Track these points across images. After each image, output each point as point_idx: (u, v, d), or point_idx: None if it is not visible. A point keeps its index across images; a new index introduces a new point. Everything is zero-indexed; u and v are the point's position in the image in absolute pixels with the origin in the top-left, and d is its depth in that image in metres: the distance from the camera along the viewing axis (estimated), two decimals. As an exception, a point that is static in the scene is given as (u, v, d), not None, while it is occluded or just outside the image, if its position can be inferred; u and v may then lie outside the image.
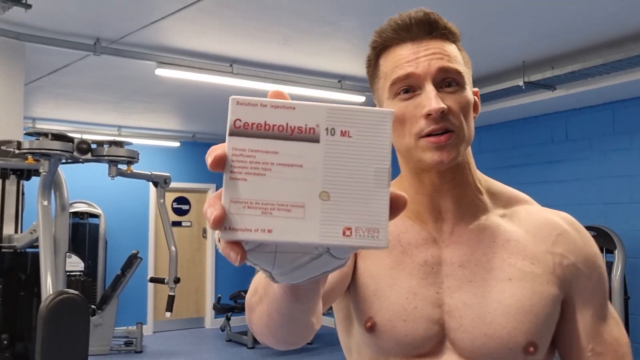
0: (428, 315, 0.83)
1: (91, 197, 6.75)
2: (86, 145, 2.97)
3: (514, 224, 0.87)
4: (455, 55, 0.83)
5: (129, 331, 6.38)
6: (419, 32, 0.82)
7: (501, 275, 0.83)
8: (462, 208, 0.87)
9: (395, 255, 0.86)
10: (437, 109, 0.78)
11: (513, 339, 0.81)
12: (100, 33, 3.70)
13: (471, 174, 0.88)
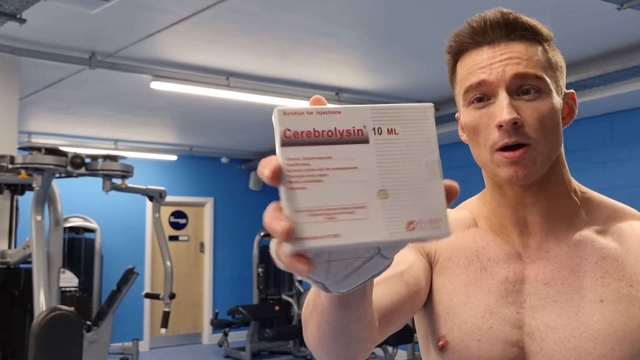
0: (505, 336, 0.77)
1: (87, 211, 6.70)
2: (80, 159, 2.94)
3: (613, 241, 0.78)
4: (536, 59, 0.75)
5: (124, 347, 6.29)
6: (495, 35, 0.77)
7: (592, 296, 0.75)
8: (552, 221, 0.80)
9: (472, 272, 0.81)
10: (509, 120, 0.72)
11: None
12: (96, 47, 3.68)
13: (564, 185, 0.81)
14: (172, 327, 7.14)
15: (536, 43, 0.77)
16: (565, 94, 0.80)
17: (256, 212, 8.01)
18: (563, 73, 0.80)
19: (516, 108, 0.74)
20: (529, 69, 0.74)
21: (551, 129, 0.75)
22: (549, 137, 0.75)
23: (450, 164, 5.84)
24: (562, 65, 0.80)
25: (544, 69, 0.75)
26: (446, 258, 0.84)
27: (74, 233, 6.51)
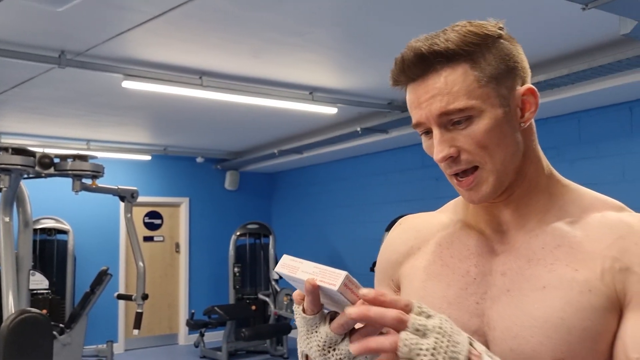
0: (464, 325, 0.78)
1: (59, 212, 6.60)
2: (48, 159, 2.90)
3: (578, 230, 0.78)
4: (457, 88, 0.75)
5: (99, 350, 6.21)
6: (414, 72, 0.78)
7: (537, 283, 0.76)
8: (523, 218, 0.81)
9: (432, 270, 0.85)
10: (439, 159, 0.77)
11: (537, 356, 0.73)
12: (65, 45, 3.63)
13: (536, 182, 0.82)
14: (148, 328, 7.07)
15: (458, 65, 0.76)
16: (519, 93, 0.79)
17: (232, 212, 7.98)
18: (509, 73, 0.78)
19: (451, 139, 0.77)
20: (450, 105, 0.75)
21: (494, 146, 0.76)
22: (495, 154, 0.76)
23: (423, 163, 5.90)
24: (503, 69, 0.78)
25: (468, 94, 0.75)
26: (408, 266, 0.89)
27: (46, 235, 6.41)
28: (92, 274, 6.10)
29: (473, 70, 0.76)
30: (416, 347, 0.61)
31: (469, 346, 0.64)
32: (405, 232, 0.93)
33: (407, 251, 0.90)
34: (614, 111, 4.50)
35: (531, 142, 0.82)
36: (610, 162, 4.51)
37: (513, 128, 0.78)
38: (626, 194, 4.34)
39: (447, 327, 0.64)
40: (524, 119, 0.79)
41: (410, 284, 0.87)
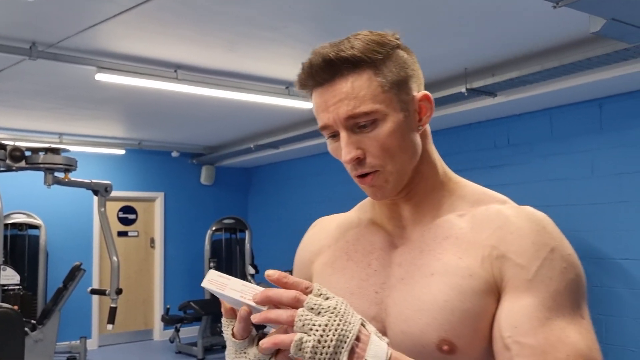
0: (363, 312, 0.83)
1: (31, 207, 6.48)
2: (19, 152, 2.85)
3: (466, 222, 0.84)
4: (363, 93, 0.80)
5: (72, 346, 6.13)
6: (322, 77, 0.82)
7: (426, 271, 0.83)
8: (419, 213, 0.88)
9: (338, 265, 0.92)
10: (347, 160, 0.82)
11: (425, 336, 0.79)
12: (36, 37, 3.57)
13: (431, 181, 0.89)
14: (122, 324, 7.00)
15: (363, 72, 0.80)
16: (416, 99, 0.85)
17: (207, 207, 7.94)
18: (408, 81, 0.84)
19: (357, 142, 0.82)
20: (357, 109, 0.80)
21: (396, 148, 0.82)
22: (395, 156, 0.83)
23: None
24: (403, 76, 0.83)
25: (373, 98, 0.80)
26: (318, 263, 0.96)
27: (17, 230, 6.29)
28: (65, 270, 6.01)
29: (376, 77, 0.81)
30: (310, 323, 0.66)
31: (360, 326, 0.69)
32: (316, 232, 1.01)
33: (317, 250, 0.98)
34: (584, 108, 4.60)
35: (427, 144, 0.89)
36: (581, 157, 4.61)
37: (412, 131, 0.84)
38: (595, 189, 4.46)
39: (341, 309, 0.68)
40: (421, 123, 0.86)
41: (319, 279, 0.94)
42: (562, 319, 0.74)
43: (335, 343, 0.66)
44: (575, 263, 0.79)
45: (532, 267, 0.76)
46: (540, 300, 0.75)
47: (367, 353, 0.67)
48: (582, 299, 0.78)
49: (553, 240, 0.79)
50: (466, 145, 5.47)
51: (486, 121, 5.29)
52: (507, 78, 4.02)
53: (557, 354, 0.72)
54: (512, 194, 4.03)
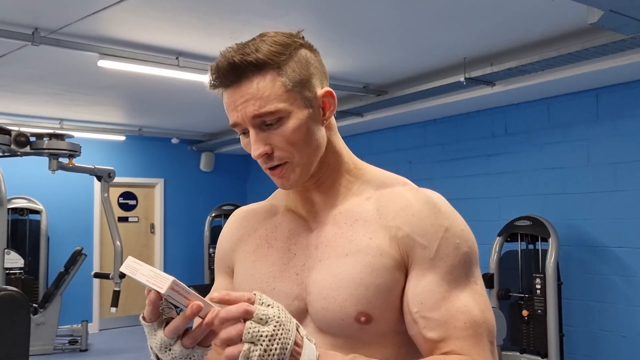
0: (286, 293, 0.92)
1: (32, 192, 6.52)
2: (24, 138, 2.89)
3: (372, 204, 0.92)
4: (267, 94, 0.86)
5: (73, 329, 6.22)
6: (229, 79, 0.87)
7: (341, 252, 0.90)
8: (329, 198, 0.96)
9: (260, 252, 0.99)
10: (256, 156, 0.88)
11: (344, 310, 0.87)
12: (39, 22, 3.59)
13: (338, 168, 0.96)
14: (123, 308, 7.07)
15: (267, 73, 0.86)
16: (319, 96, 0.91)
17: (207, 193, 7.99)
18: (310, 79, 0.90)
19: (265, 138, 0.88)
20: (262, 109, 0.86)
21: (302, 142, 0.89)
22: (302, 149, 0.89)
23: (397, 146, 6.00)
24: (305, 75, 0.89)
25: (277, 98, 0.86)
26: (240, 251, 1.02)
27: (18, 214, 6.34)
28: (66, 254, 6.08)
29: (280, 77, 0.87)
30: (258, 334, 0.74)
31: (296, 332, 0.77)
32: (235, 222, 1.07)
33: (238, 239, 1.04)
34: (581, 98, 4.64)
35: (333, 136, 0.96)
36: (577, 146, 4.66)
37: (317, 125, 0.91)
38: (590, 178, 4.53)
39: (283, 317, 0.77)
40: (326, 117, 0.93)
41: (242, 266, 1.00)
42: (459, 290, 0.86)
43: (279, 351, 0.74)
44: (467, 236, 0.89)
45: (433, 247, 0.87)
46: (441, 276, 0.86)
47: (301, 357, 0.76)
48: (474, 266, 0.89)
49: (447, 220, 0.89)
50: (464, 134, 5.52)
51: (484, 110, 5.34)
52: (505, 68, 4.06)
53: (456, 323, 0.84)
54: (509, 182, 4.17)
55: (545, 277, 4.16)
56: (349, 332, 0.87)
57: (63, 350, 5.98)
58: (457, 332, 0.84)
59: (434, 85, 4.58)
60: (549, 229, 4.28)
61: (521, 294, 4.39)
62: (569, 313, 4.53)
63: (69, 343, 6.06)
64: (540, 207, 4.83)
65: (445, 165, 5.62)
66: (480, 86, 4.54)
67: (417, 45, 4.02)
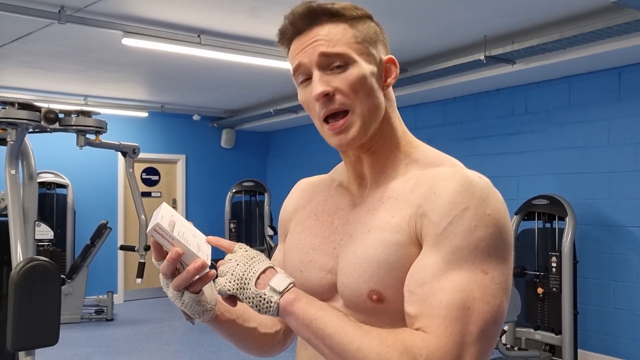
0: (321, 265, 0.95)
1: (58, 167, 6.70)
2: (54, 114, 3.00)
3: (411, 184, 0.90)
4: (338, 38, 0.88)
5: (99, 300, 6.44)
6: (303, 24, 0.90)
7: (365, 228, 0.90)
8: (378, 174, 0.95)
9: (308, 224, 1.01)
10: (318, 94, 0.87)
11: (357, 287, 0.87)
12: (65, 1, 3.67)
13: (392, 143, 0.95)
14: (146, 280, 7.27)
15: (340, 23, 0.90)
16: (383, 60, 0.93)
17: (228, 170, 8.11)
18: (377, 42, 0.93)
19: (328, 81, 0.88)
20: (330, 49, 0.88)
21: (365, 93, 0.89)
22: (363, 100, 0.89)
23: (416, 124, 6.01)
24: (374, 37, 0.92)
25: (347, 44, 0.89)
26: (293, 221, 1.06)
27: (45, 189, 6.53)
28: (91, 228, 6.27)
29: (352, 29, 0.90)
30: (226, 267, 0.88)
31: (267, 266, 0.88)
32: (294, 194, 1.10)
33: (294, 209, 1.07)
34: (603, 76, 4.60)
35: (391, 107, 0.96)
36: (597, 126, 4.64)
37: (378, 86, 0.92)
38: (610, 158, 4.51)
39: (253, 255, 0.89)
40: (387, 83, 0.94)
41: (291, 236, 1.04)
42: (456, 272, 0.79)
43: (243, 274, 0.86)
44: (492, 222, 0.81)
45: (442, 224, 0.82)
46: (442, 254, 0.80)
47: (270, 281, 0.85)
48: (491, 256, 0.80)
49: (471, 200, 0.82)
50: (484, 113, 5.51)
51: (504, 88, 5.31)
52: (526, 46, 4.04)
53: (432, 300, 0.78)
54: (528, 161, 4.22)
55: (561, 256, 4.19)
56: (366, 309, 0.86)
57: (90, 320, 6.21)
58: (430, 309, 0.78)
59: (454, 64, 4.57)
60: (566, 208, 4.30)
61: (537, 271, 4.44)
62: (584, 291, 4.56)
63: (95, 313, 6.29)
64: (558, 186, 4.83)
65: (464, 143, 5.63)
66: (501, 64, 4.52)
67: (437, 23, 4.01)
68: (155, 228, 0.85)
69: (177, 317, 6.57)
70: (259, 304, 0.84)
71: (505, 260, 0.83)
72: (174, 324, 6.27)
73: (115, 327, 6.04)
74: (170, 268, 0.88)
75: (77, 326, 5.96)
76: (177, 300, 0.91)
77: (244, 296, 0.85)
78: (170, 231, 0.86)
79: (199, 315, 0.93)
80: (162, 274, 0.90)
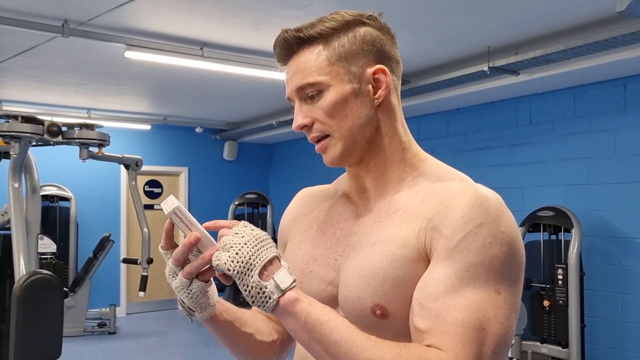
0: (322, 277, 0.92)
1: (61, 180, 6.70)
2: (57, 127, 2.99)
3: (419, 197, 0.87)
4: (310, 65, 0.88)
5: (102, 313, 6.40)
6: (284, 54, 0.92)
7: (371, 240, 0.87)
8: (381, 186, 0.92)
9: (309, 234, 0.99)
10: (295, 127, 0.91)
11: (361, 301, 0.84)
12: (68, 14, 3.68)
13: (391, 154, 0.92)
14: (149, 293, 7.25)
15: (314, 46, 0.89)
16: (368, 73, 0.89)
17: (230, 182, 8.09)
18: (360, 54, 0.89)
19: (308, 111, 0.90)
20: (303, 80, 0.88)
21: (341, 116, 0.88)
22: (341, 123, 0.88)
23: (419, 135, 5.99)
24: (354, 50, 0.88)
25: (318, 71, 0.88)
26: (293, 231, 1.03)
27: (49, 201, 6.52)
28: (94, 240, 6.24)
29: (325, 51, 0.89)
30: (231, 242, 0.80)
31: (275, 255, 0.81)
32: (295, 202, 1.08)
33: (294, 219, 1.05)
34: (608, 87, 4.58)
35: (389, 119, 0.92)
36: (603, 136, 4.61)
37: (363, 103, 0.89)
38: (616, 169, 4.48)
39: (262, 238, 0.81)
40: (377, 96, 0.90)
41: (291, 246, 1.01)
42: (470, 289, 0.76)
43: (250, 257, 0.78)
44: (506, 240, 0.79)
45: (455, 238, 0.79)
46: (455, 269, 0.77)
47: (275, 275, 0.79)
48: (504, 275, 0.78)
49: (486, 216, 0.80)
50: (487, 124, 5.49)
51: (508, 99, 5.30)
52: (530, 57, 4.02)
53: (447, 317, 0.75)
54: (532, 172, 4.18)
55: (568, 268, 4.15)
56: (368, 324, 0.83)
57: (92, 333, 6.17)
58: (444, 326, 0.75)
59: (458, 75, 4.56)
60: (572, 219, 4.26)
61: (543, 284, 4.39)
62: (591, 304, 4.51)
63: (98, 326, 6.24)
64: (563, 197, 4.80)
65: (467, 155, 5.61)
66: (505, 75, 4.51)
67: (440, 33, 4.01)
68: (175, 211, 0.82)
69: (180, 330, 6.52)
70: (256, 295, 0.78)
71: (517, 281, 0.81)
72: (177, 337, 6.22)
73: (118, 340, 5.99)
74: (185, 254, 0.85)
75: (80, 339, 5.92)
76: (184, 290, 0.86)
77: (243, 282, 0.78)
78: (190, 215, 0.84)
79: (202, 309, 0.89)
80: (173, 260, 0.86)
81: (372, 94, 0.90)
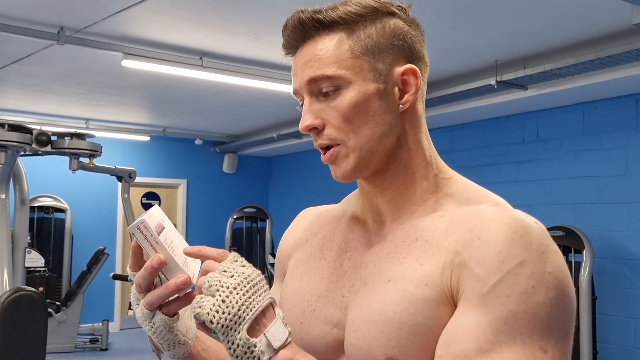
0: (326, 317, 0.76)
1: (57, 191, 6.57)
2: (45, 137, 2.86)
3: (443, 223, 0.72)
4: (328, 55, 0.72)
5: (94, 328, 6.24)
6: (296, 38, 0.76)
7: (385, 276, 0.72)
8: (397, 208, 0.77)
9: (311, 263, 0.83)
10: (302, 128, 0.75)
11: (371, 352, 0.69)
12: (64, 22, 3.57)
13: (412, 171, 0.77)
14: (144, 309, 7.08)
15: (335, 33, 0.73)
16: (397, 72, 0.74)
17: (229, 195, 7.96)
18: (389, 49, 0.74)
19: (319, 110, 0.74)
20: (318, 71, 0.72)
21: (360, 121, 0.72)
22: (359, 130, 0.73)
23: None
24: (382, 43, 0.73)
25: (338, 63, 0.72)
26: (294, 258, 0.87)
27: (43, 213, 6.39)
28: (89, 253, 6.10)
29: (349, 40, 0.73)
30: (217, 284, 0.64)
31: (269, 303, 0.66)
32: (296, 224, 0.92)
33: (295, 244, 0.89)
34: (620, 103, 4.45)
35: (413, 129, 0.77)
36: (614, 154, 4.47)
37: (387, 107, 0.74)
38: (627, 187, 4.32)
39: (255, 278, 0.66)
40: (403, 100, 0.75)
41: (290, 276, 0.85)
42: (509, 348, 0.61)
43: (239, 308, 0.63)
44: (554, 283, 0.64)
45: (489, 280, 0.63)
46: (489, 320, 0.62)
47: (267, 329, 0.64)
48: (552, 328, 0.63)
49: (527, 252, 0.64)
50: (493, 139, 5.36)
51: (515, 115, 5.17)
52: (539, 71, 3.90)
53: None
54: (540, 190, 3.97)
55: (579, 291, 3.98)
56: None
57: (84, 349, 5.99)
58: None
59: (464, 89, 4.44)
60: (583, 240, 4.10)
61: (552, 306, 4.22)
62: (604, 329, 4.33)
63: (90, 342, 6.07)
64: (572, 217, 4.64)
65: (472, 171, 5.46)
66: (512, 90, 4.39)
67: (446, 46, 3.89)
68: (138, 225, 0.68)
69: (174, 348, 6.35)
70: (242, 356, 0.63)
71: (567, 335, 0.65)
72: (171, 355, 6.04)
73: (110, 357, 5.81)
74: (147, 279, 0.70)
75: (71, 356, 5.74)
76: (146, 322, 0.73)
77: (228, 338, 0.63)
78: (156, 233, 0.69)
79: (168, 347, 0.75)
80: (135, 285, 0.72)
81: (398, 98, 0.75)
